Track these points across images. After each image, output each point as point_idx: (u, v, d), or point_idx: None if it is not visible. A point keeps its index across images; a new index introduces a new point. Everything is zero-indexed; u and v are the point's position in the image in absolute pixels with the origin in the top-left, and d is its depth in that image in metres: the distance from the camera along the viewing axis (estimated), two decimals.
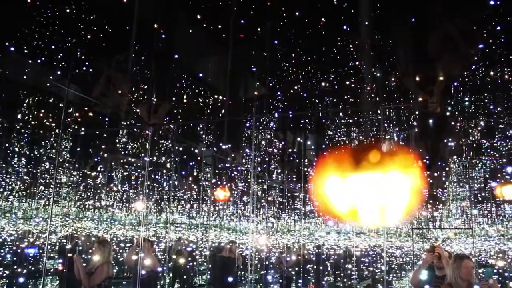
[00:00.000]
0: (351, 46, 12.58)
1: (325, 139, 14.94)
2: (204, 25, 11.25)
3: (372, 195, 2.73)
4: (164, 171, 16.77)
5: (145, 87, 12.74)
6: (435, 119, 12.90)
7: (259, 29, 11.15)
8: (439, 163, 15.60)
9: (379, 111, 14.09)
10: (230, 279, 9.67)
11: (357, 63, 12.61)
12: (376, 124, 15.21)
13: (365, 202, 2.78)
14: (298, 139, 14.07)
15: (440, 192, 18.00)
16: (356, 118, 15.05)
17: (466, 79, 13.21)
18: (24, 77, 10.62)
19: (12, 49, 9.59)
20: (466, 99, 13.76)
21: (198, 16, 10.60)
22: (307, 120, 14.37)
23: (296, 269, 12.08)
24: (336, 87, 13.25)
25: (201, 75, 12.99)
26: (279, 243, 19.47)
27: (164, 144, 16.28)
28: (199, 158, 15.87)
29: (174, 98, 13.65)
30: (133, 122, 13.83)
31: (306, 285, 12.08)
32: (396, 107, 14.07)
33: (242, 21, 10.95)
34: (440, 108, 12.75)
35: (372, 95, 13.58)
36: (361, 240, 20.88)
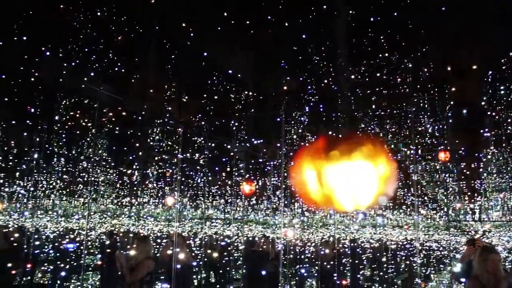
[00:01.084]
0: (381, 37, 12.45)
1: (358, 132, 14.82)
2: (232, 22, 11.37)
3: (344, 182, 2.89)
4: (198, 167, 17.05)
5: (175, 84, 12.99)
6: (470, 109, 12.63)
7: (287, 24, 11.20)
8: (476, 154, 15.23)
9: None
10: (263, 272, 9.86)
11: (387, 54, 12.47)
12: (410, 115, 15.00)
13: (338, 189, 2.94)
14: (330, 132, 14.04)
15: (478, 183, 17.54)
16: (389, 111, 14.87)
17: (504, 67, 12.84)
18: (60, 80, 11.03)
19: (48, 53, 9.99)
20: (502, 88, 13.38)
21: (225, 14, 10.74)
22: (339, 114, 14.32)
23: (332, 263, 12.10)
24: (367, 79, 13.15)
25: (230, 71, 13.14)
26: (314, 238, 19.49)
27: (198, 141, 16.53)
28: (231, 154, 16.06)
29: (205, 95, 13.86)
30: (165, 120, 14.17)
31: (341, 279, 12.08)
32: (430, 97, 13.85)
33: (269, 17, 11.05)
34: (476, 97, 12.49)
35: (405, 86, 13.43)
36: (397, 233, 20.64)
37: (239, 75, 13.57)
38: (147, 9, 10.95)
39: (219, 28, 11.39)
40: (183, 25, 10.81)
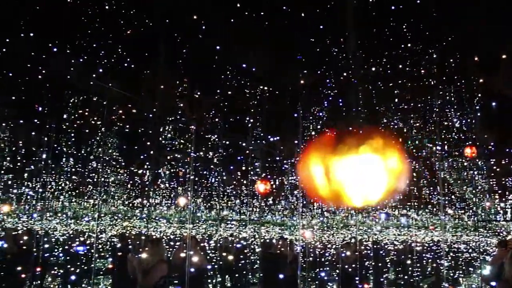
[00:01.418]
0: (404, 26, 12.29)
1: (380, 128, 14.69)
2: (246, 13, 11.35)
3: (353, 177, 2.95)
4: (212, 166, 17.09)
5: (187, 80, 13.02)
6: (501, 101, 12.42)
7: (303, 14, 11.13)
8: (507, 150, 14.94)
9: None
10: (281, 276, 9.82)
11: (410, 44, 12.30)
12: (436, 109, 14.81)
13: (347, 184, 2.99)
14: (350, 128, 13.94)
15: (510, 181, 17.23)
16: (412, 104, 14.69)
17: None
18: (68, 77, 11.14)
19: (55, 50, 10.09)
20: None
21: (238, 5, 10.72)
22: (359, 108, 14.21)
23: (353, 266, 12.02)
24: (389, 71, 13.00)
25: (244, 65, 13.11)
26: (335, 239, 19.41)
27: (212, 139, 16.56)
28: (247, 152, 16.05)
29: (218, 91, 13.86)
30: (177, 117, 14.22)
31: (363, 283, 11.99)
32: (456, 89, 13.67)
33: (284, 7, 10.99)
34: (506, 88, 12.26)
35: (430, 79, 13.26)
36: (423, 234, 20.45)
37: (253, 69, 13.53)
38: (157, 2, 11.00)
39: (232, 20, 11.37)
40: (194, 17, 10.82)
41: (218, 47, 11.92)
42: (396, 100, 14.48)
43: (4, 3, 9.21)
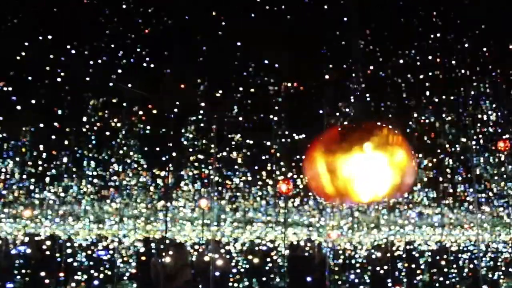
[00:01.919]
0: (434, 14, 12.00)
1: (410, 123, 14.42)
2: (267, 8, 11.24)
3: (358, 172, 2.95)
4: (236, 166, 17.07)
5: (207, 78, 13.00)
6: None
7: (325, 7, 10.96)
8: None
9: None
10: (309, 278, 9.75)
11: (439, 34, 12.00)
12: (470, 102, 14.45)
13: (353, 180, 2.99)
14: (379, 123, 13.69)
15: None
16: (444, 97, 14.34)
17: None
18: (87, 78, 11.24)
19: (73, 52, 10.19)
20: None
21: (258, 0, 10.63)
22: (388, 103, 13.97)
23: (385, 268, 11.85)
24: (418, 63, 12.70)
25: (266, 62, 13.00)
26: (365, 240, 19.21)
27: (235, 138, 16.53)
28: (272, 151, 15.98)
29: (240, 88, 13.79)
30: (199, 117, 14.22)
31: (395, 285, 11.81)
32: (491, 81, 13.32)
33: (305, 0, 10.84)
34: None
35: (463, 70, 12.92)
36: (459, 234, 20.09)
37: (276, 65, 13.42)
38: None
39: (252, 15, 11.29)
40: (213, 14, 10.78)
41: (238, 43, 11.85)
42: (428, 93, 14.15)
43: (21, 7, 9.35)
